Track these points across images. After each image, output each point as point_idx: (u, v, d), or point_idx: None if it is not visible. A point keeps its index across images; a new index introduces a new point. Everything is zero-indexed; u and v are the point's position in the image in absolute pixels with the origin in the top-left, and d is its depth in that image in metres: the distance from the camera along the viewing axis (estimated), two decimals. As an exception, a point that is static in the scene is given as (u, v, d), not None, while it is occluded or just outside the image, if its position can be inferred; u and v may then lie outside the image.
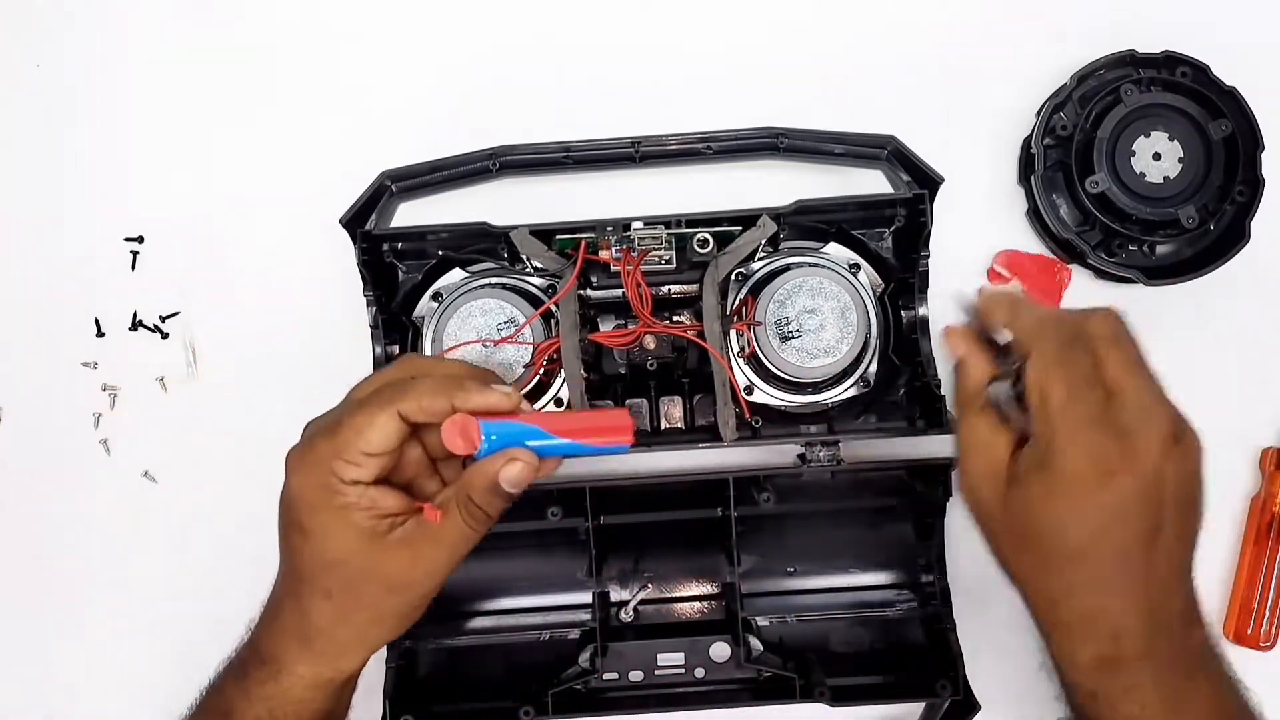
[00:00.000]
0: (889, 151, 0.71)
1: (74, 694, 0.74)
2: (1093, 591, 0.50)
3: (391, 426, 0.52)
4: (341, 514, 0.53)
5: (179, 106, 0.77)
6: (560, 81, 0.76)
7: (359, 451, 0.52)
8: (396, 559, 0.53)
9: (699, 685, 0.70)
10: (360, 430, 0.52)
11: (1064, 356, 0.50)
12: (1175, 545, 0.50)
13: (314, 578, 0.54)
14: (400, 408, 0.52)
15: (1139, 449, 0.49)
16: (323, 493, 0.53)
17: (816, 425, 0.70)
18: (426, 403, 0.52)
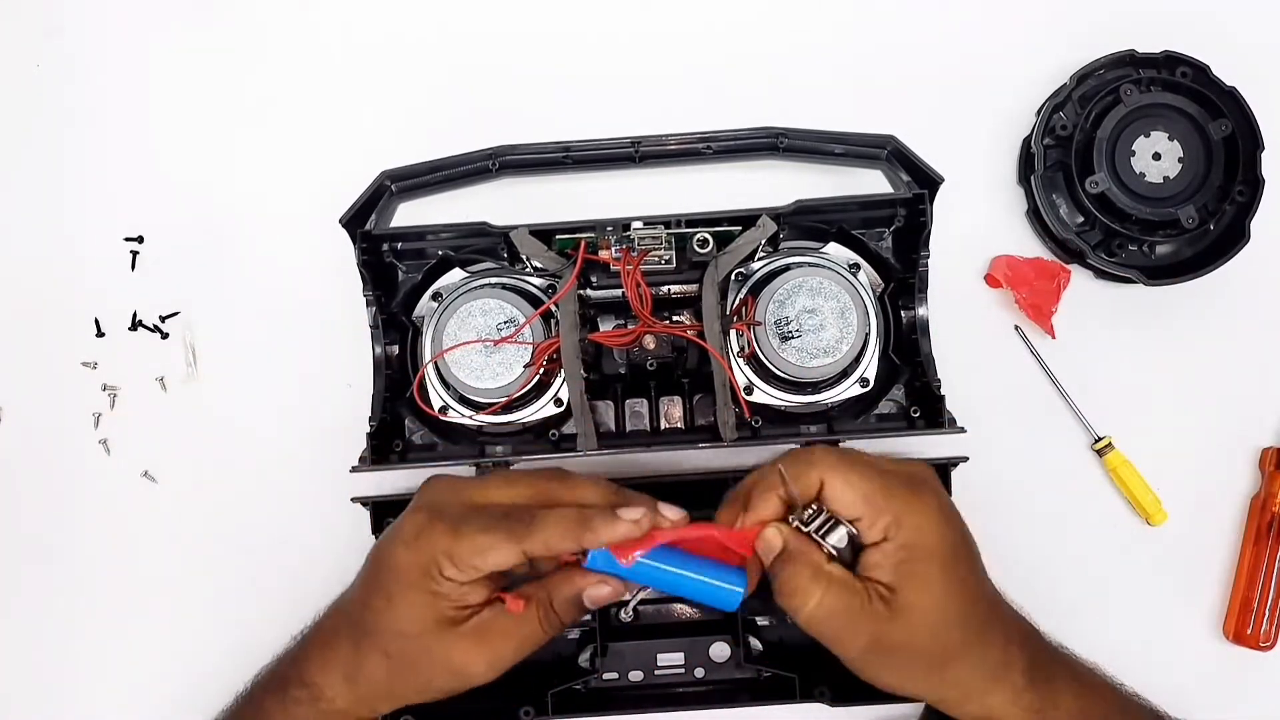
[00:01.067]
0: (889, 151, 0.71)
1: (74, 694, 0.74)
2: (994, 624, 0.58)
3: (511, 558, 0.55)
4: (431, 598, 0.55)
5: (179, 107, 0.77)
6: (560, 81, 0.76)
7: (471, 565, 0.55)
8: (464, 648, 0.56)
9: (699, 685, 0.70)
10: (481, 550, 0.54)
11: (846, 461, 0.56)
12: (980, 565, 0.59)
13: (380, 639, 0.57)
14: (525, 547, 0.54)
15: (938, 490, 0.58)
16: (421, 576, 0.55)
17: (816, 425, 0.70)
18: (554, 544, 0.55)
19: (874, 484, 0.55)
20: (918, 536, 0.55)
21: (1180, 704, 0.65)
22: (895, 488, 0.55)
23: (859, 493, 0.55)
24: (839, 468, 0.55)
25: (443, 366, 0.66)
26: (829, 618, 0.55)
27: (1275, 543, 0.72)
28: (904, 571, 0.55)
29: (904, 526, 0.55)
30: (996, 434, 0.73)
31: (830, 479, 0.55)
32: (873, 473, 0.56)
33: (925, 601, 0.55)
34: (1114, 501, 0.74)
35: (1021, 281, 0.73)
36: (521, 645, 0.57)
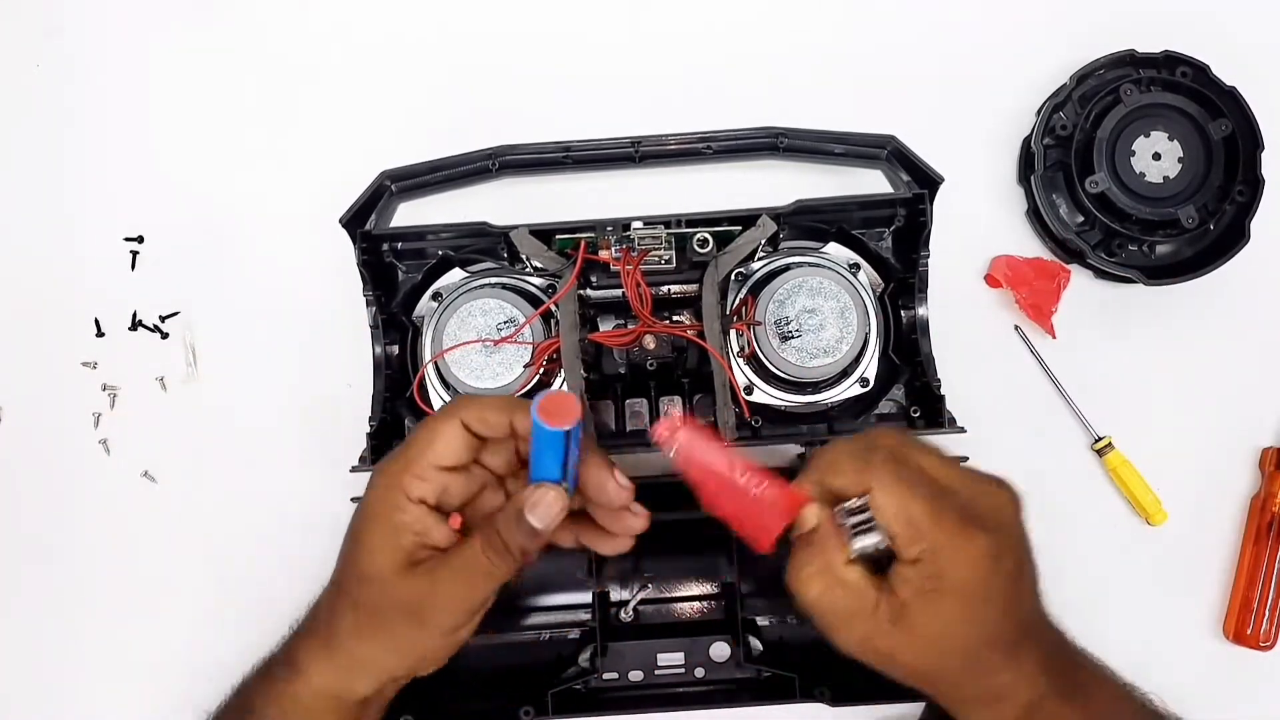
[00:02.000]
0: (889, 151, 0.71)
1: (74, 693, 0.74)
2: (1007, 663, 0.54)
3: (456, 437, 0.54)
4: (393, 533, 0.54)
5: (179, 106, 0.77)
6: (560, 81, 0.76)
7: (428, 465, 0.54)
8: (416, 585, 0.54)
9: (699, 685, 0.70)
10: (430, 441, 0.54)
11: (901, 477, 0.52)
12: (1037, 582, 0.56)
13: (349, 587, 0.56)
14: (463, 417, 0.54)
15: (1003, 525, 0.53)
16: (386, 506, 0.54)
17: (816, 425, 0.70)
18: (489, 415, 0.54)
19: (922, 508, 0.51)
20: (951, 570, 0.52)
21: (1180, 704, 0.65)
22: (945, 516, 0.51)
23: (902, 513, 0.52)
24: (888, 483, 0.52)
25: (443, 366, 0.66)
26: (825, 612, 0.54)
27: (1275, 543, 0.72)
28: (923, 599, 0.52)
29: (939, 558, 0.52)
30: (996, 434, 0.73)
31: (877, 492, 0.52)
32: (925, 495, 0.52)
33: (933, 631, 0.53)
34: (1114, 501, 0.74)
35: (1021, 281, 0.73)
36: (472, 583, 0.54)
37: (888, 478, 0.52)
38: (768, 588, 0.72)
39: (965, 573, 0.52)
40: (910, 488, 0.52)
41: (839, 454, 0.53)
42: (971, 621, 0.53)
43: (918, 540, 0.51)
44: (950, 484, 0.53)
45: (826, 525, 0.54)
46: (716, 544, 0.70)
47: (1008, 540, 0.53)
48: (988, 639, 0.54)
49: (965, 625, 0.53)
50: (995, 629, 0.54)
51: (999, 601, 0.53)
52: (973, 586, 0.52)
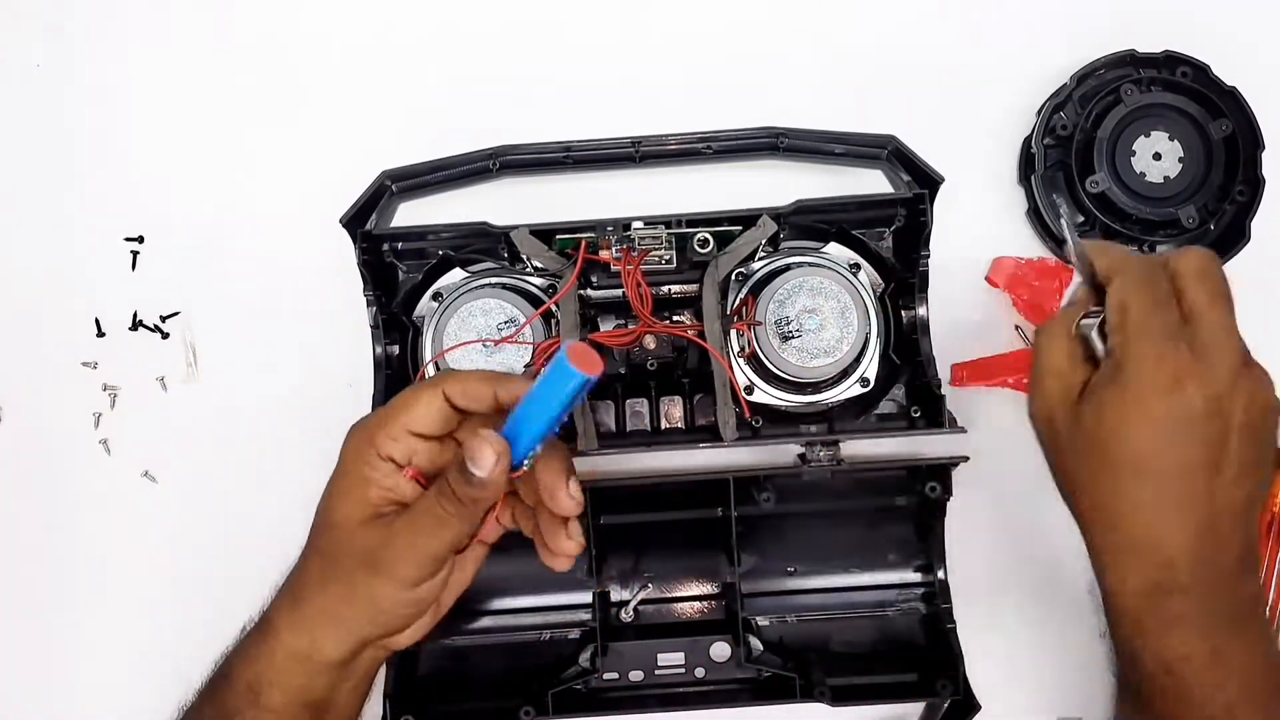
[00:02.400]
0: (889, 151, 0.71)
1: (74, 693, 0.74)
2: (1153, 510, 0.51)
3: (435, 405, 0.55)
4: (361, 484, 0.55)
5: (179, 106, 0.77)
6: (560, 81, 0.76)
7: (402, 427, 0.55)
8: (374, 534, 0.55)
9: (699, 685, 0.70)
10: (407, 405, 0.55)
11: (1145, 279, 0.52)
12: (1239, 479, 0.51)
13: (316, 535, 0.57)
14: (445, 388, 0.55)
15: (1210, 365, 0.50)
16: (357, 460, 0.55)
17: (816, 425, 0.70)
18: (471, 387, 0.55)
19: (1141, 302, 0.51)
20: (1130, 367, 0.51)
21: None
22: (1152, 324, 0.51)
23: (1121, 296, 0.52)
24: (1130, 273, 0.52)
25: (443, 366, 0.67)
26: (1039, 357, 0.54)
27: (1275, 543, 0.72)
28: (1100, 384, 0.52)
29: (1125, 352, 0.51)
30: (997, 434, 0.73)
31: (1116, 279, 0.52)
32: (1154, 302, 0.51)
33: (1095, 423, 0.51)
34: (1114, 501, 0.74)
35: (1021, 284, 0.73)
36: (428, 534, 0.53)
37: (1128, 269, 0.52)
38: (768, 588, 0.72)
39: (1145, 378, 0.50)
40: (1139, 293, 0.51)
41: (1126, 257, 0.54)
42: (1128, 433, 0.50)
43: (1119, 329, 0.51)
44: (1199, 316, 0.51)
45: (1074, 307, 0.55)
46: (716, 544, 0.70)
47: (1210, 390, 0.50)
48: (1139, 464, 0.51)
49: (1121, 432, 0.51)
50: (1153, 459, 0.50)
51: (1172, 433, 0.50)
52: (1145, 397, 0.50)
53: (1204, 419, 0.50)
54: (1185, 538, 0.50)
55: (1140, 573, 0.52)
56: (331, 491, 0.56)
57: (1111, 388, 0.51)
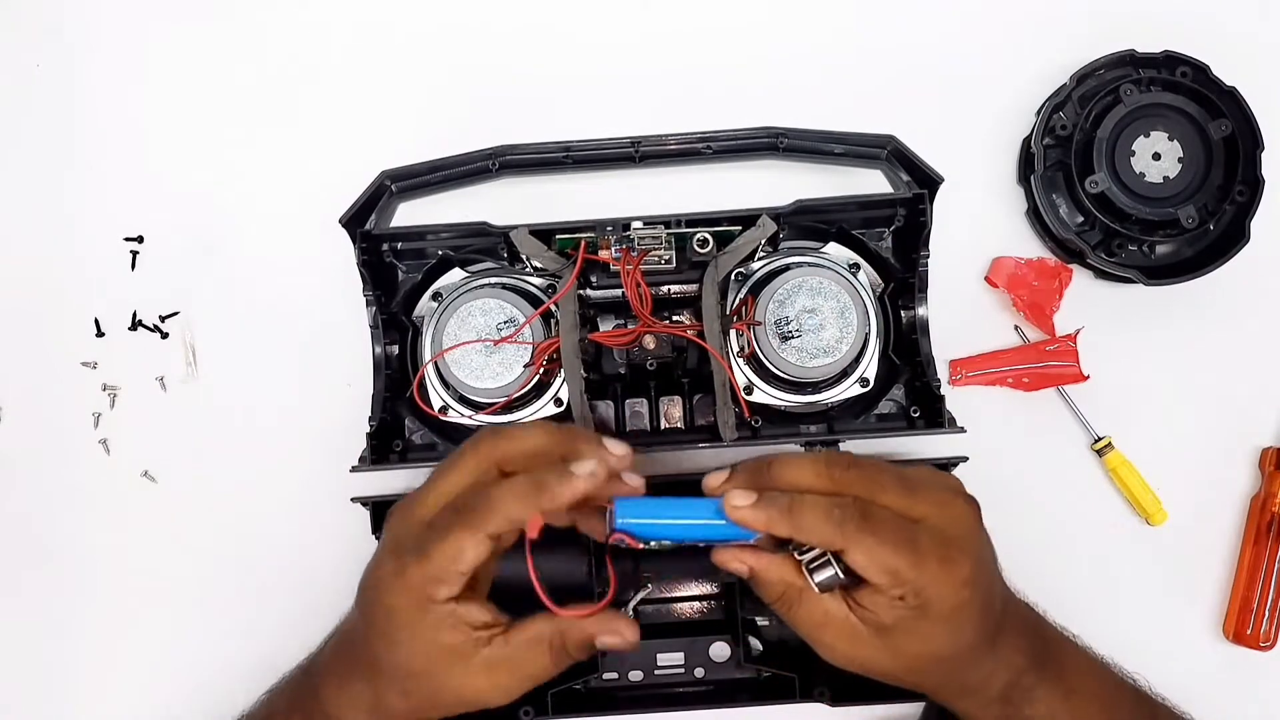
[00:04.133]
0: (889, 151, 0.71)
1: (74, 693, 0.74)
2: (987, 655, 0.56)
3: (483, 548, 0.53)
4: (432, 630, 0.54)
5: (179, 106, 0.77)
6: (560, 81, 0.76)
7: (453, 573, 0.53)
8: (477, 680, 0.55)
9: (699, 685, 0.70)
10: (452, 557, 0.53)
11: (874, 533, 0.52)
12: (998, 565, 0.58)
13: (396, 680, 0.56)
14: (488, 530, 0.53)
15: (972, 541, 0.55)
16: (415, 612, 0.54)
17: (816, 425, 0.70)
18: (515, 516, 0.53)
19: (902, 557, 0.52)
20: (937, 603, 0.53)
21: (1180, 704, 0.65)
22: (928, 558, 0.52)
23: (883, 567, 0.52)
24: (865, 545, 0.52)
25: (443, 366, 0.66)
26: (805, 630, 0.56)
27: (1275, 543, 0.72)
28: (908, 624, 0.53)
29: (924, 595, 0.52)
30: (996, 434, 0.73)
31: (853, 554, 0.52)
32: (903, 543, 0.52)
33: (919, 649, 0.54)
34: (1114, 501, 0.74)
35: (1021, 284, 0.73)
36: (534, 680, 0.56)
37: (862, 538, 0.52)
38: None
39: (950, 600, 0.53)
40: (884, 543, 0.52)
41: (807, 516, 0.53)
42: (957, 637, 0.54)
43: (900, 586, 0.52)
44: (917, 513, 0.54)
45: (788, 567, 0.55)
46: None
47: (979, 555, 0.55)
48: (970, 643, 0.55)
49: (951, 640, 0.54)
50: (976, 633, 0.55)
51: (979, 611, 0.55)
52: (956, 608, 0.53)
53: (987, 575, 0.56)
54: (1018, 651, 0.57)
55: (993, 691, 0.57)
56: (399, 643, 0.55)
57: (923, 623, 0.53)
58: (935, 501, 0.54)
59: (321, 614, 0.63)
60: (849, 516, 0.52)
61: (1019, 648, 0.57)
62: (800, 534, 0.53)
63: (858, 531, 0.52)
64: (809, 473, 0.54)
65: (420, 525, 0.55)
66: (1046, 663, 0.58)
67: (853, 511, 0.52)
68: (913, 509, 0.54)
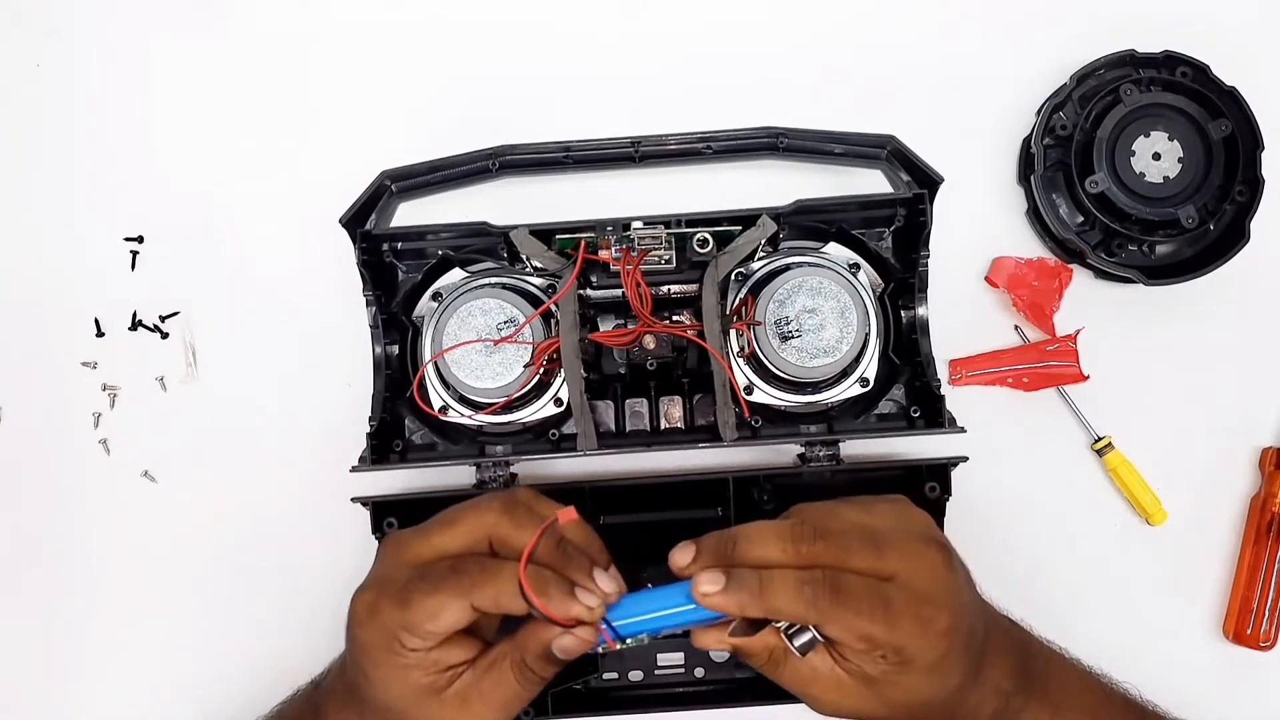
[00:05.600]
0: (889, 151, 0.71)
1: (74, 694, 0.74)
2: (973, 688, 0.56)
3: (463, 616, 0.52)
4: (402, 672, 0.54)
5: (179, 106, 0.77)
6: (560, 81, 0.76)
7: (426, 630, 0.52)
8: (452, 715, 0.54)
9: (699, 685, 0.70)
10: (431, 614, 0.52)
11: (847, 606, 0.52)
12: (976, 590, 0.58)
13: (377, 711, 0.56)
14: (474, 601, 0.52)
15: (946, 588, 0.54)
16: (386, 653, 0.53)
17: (816, 425, 0.70)
18: (505, 602, 0.52)
19: (878, 624, 0.52)
20: (918, 658, 0.53)
21: (1180, 704, 0.65)
22: (903, 619, 0.52)
23: (859, 636, 0.52)
24: (837, 617, 0.52)
25: (443, 366, 0.66)
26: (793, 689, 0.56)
27: (1275, 543, 0.72)
28: (893, 677, 0.53)
29: (904, 653, 0.53)
30: (996, 434, 0.73)
31: (828, 628, 0.52)
32: (877, 610, 0.52)
33: (906, 698, 0.54)
34: (1114, 501, 0.74)
35: (1021, 284, 0.73)
36: (507, 704, 0.55)
37: (835, 611, 0.52)
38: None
39: (930, 654, 0.53)
40: (858, 615, 0.52)
41: (778, 597, 0.52)
42: (941, 682, 0.54)
43: (879, 649, 0.53)
44: (888, 570, 0.53)
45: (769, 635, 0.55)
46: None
47: (956, 602, 0.54)
48: (957, 684, 0.55)
49: (937, 686, 0.54)
50: (961, 675, 0.55)
51: (961, 654, 0.54)
52: (938, 659, 0.53)
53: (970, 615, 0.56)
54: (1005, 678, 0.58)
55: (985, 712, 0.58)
56: (373, 678, 0.54)
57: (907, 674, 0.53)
58: (904, 555, 0.54)
59: (321, 614, 0.63)
60: (820, 593, 0.52)
61: (1005, 670, 0.58)
62: (773, 614, 0.53)
63: (830, 606, 0.52)
64: (775, 549, 0.54)
65: (408, 568, 0.54)
66: (1033, 682, 0.59)
67: (823, 587, 0.52)
68: (883, 567, 0.53)
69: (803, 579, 0.52)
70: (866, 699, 0.55)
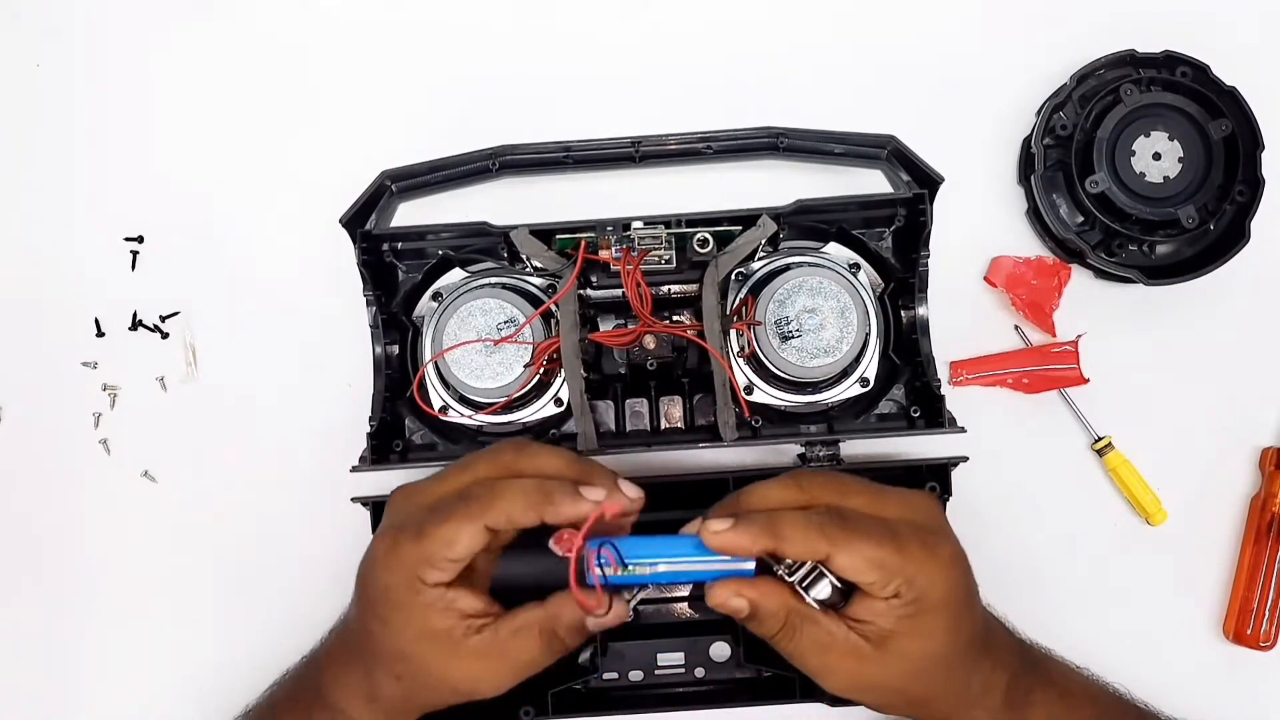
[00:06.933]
0: (889, 151, 0.71)
1: (74, 694, 0.74)
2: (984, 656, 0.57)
3: (478, 538, 0.53)
4: (422, 613, 0.54)
5: (179, 106, 0.77)
6: (560, 81, 0.76)
7: (444, 559, 0.53)
8: (467, 667, 0.55)
9: (699, 685, 0.70)
10: (447, 541, 0.53)
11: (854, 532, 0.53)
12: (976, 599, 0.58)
13: (387, 662, 0.56)
14: (487, 521, 0.53)
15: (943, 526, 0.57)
16: (406, 592, 0.54)
17: (816, 425, 0.70)
18: (516, 516, 0.53)
19: (886, 549, 0.52)
20: (930, 590, 0.53)
21: (1180, 704, 0.65)
22: (910, 545, 0.53)
23: (870, 562, 0.52)
24: (847, 544, 0.52)
25: (443, 366, 0.66)
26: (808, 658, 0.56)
27: (1275, 543, 0.72)
28: (908, 624, 0.53)
29: (916, 585, 0.53)
30: (997, 434, 0.73)
31: (838, 556, 0.52)
32: (884, 536, 0.53)
33: (922, 649, 0.54)
34: (1114, 501, 0.74)
35: (1020, 283, 0.73)
36: (525, 668, 0.56)
37: (845, 537, 0.52)
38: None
39: (943, 585, 0.54)
40: (866, 538, 0.53)
41: (787, 527, 0.53)
42: (956, 627, 0.55)
43: (893, 578, 0.53)
44: (888, 514, 0.55)
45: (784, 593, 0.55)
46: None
47: (955, 540, 0.56)
48: (968, 638, 0.56)
49: (951, 633, 0.55)
50: (972, 627, 0.56)
51: (972, 600, 0.56)
52: (953, 598, 0.54)
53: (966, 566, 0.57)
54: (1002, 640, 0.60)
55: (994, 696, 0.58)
56: (389, 623, 0.55)
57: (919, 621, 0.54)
58: (902, 501, 0.56)
59: (321, 613, 0.63)
60: (829, 521, 0.53)
61: (1011, 649, 0.59)
62: (783, 545, 0.53)
63: (840, 532, 0.53)
64: (778, 490, 0.56)
65: (422, 508, 0.55)
66: (1036, 667, 0.60)
67: (831, 515, 0.53)
68: (883, 510, 0.55)
69: (810, 513, 0.54)
70: (883, 664, 0.54)
